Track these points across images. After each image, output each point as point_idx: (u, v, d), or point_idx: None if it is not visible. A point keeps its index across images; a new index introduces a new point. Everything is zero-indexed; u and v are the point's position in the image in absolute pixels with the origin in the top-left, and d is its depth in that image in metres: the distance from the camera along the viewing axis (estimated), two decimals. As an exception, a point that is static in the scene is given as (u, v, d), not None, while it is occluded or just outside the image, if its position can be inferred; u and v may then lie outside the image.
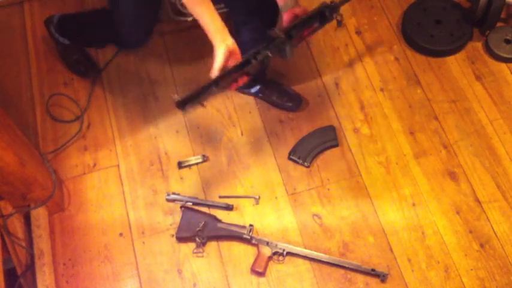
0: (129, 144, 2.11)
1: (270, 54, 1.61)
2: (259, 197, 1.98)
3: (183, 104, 1.54)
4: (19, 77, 2.25)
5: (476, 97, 2.18)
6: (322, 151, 2.07)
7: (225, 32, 1.59)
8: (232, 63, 1.58)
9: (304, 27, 1.66)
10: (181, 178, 2.04)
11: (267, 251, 1.86)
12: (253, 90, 2.13)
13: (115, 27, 2.09)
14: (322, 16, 1.68)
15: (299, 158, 2.04)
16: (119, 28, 2.09)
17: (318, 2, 1.68)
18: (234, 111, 2.16)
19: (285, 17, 1.70)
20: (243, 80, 1.62)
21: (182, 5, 2.27)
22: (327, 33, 2.33)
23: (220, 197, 1.99)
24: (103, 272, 1.89)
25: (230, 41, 1.58)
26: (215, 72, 1.56)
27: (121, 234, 1.94)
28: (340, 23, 1.73)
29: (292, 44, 1.64)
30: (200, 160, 2.05)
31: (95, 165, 2.07)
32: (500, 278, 1.85)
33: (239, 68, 1.59)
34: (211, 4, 1.58)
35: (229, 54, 1.57)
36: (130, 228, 1.95)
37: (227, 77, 1.57)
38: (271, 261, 1.87)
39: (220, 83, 1.57)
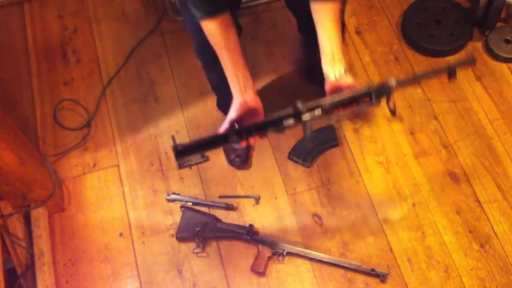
0: (129, 144, 2.11)
1: (292, 123, 1.38)
2: (259, 197, 1.98)
3: (181, 154, 1.37)
4: (19, 77, 2.25)
5: (476, 97, 2.18)
6: (322, 151, 2.07)
7: (248, 85, 1.45)
8: (248, 121, 1.43)
9: (341, 107, 1.40)
10: (181, 178, 2.04)
11: (267, 251, 1.86)
12: None
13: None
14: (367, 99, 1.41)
15: (299, 158, 2.04)
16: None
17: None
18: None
19: (327, 87, 1.46)
20: (254, 140, 1.41)
21: (182, 5, 2.28)
22: (327, 33, 2.33)
23: (220, 197, 1.99)
24: (103, 272, 1.89)
25: (250, 97, 1.45)
26: (224, 124, 1.41)
27: (121, 234, 1.94)
28: (394, 113, 1.49)
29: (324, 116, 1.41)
30: (200, 160, 2.05)
31: (95, 165, 2.07)
32: (500, 278, 1.85)
33: (253, 131, 1.39)
34: (237, 50, 1.45)
35: (247, 111, 1.44)
36: (130, 228, 1.95)
37: (237, 135, 1.38)
38: (271, 261, 1.87)
39: (230, 139, 1.38)
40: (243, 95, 1.45)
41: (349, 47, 2.31)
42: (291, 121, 1.37)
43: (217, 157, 2.07)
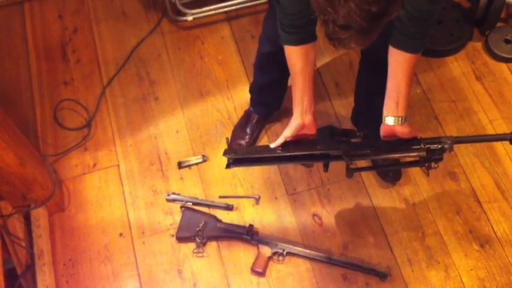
0: (129, 144, 2.11)
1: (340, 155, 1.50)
2: (259, 197, 1.98)
3: (232, 163, 1.55)
4: (19, 77, 2.25)
5: (476, 97, 2.18)
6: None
7: (309, 110, 1.53)
8: (300, 136, 1.55)
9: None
10: (181, 178, 2.04)
11: (267, 251, 1.86)
12: None
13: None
14: (422, 157, 1.46)
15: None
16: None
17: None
18: (234, 111, 2.16)
19: (382, 129, 1.51)
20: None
21: (182, 5, 2.28)
22: (327, 33, 2.33)
23: (220, 197, 1.99)
24: (103, 272, 1.88)
25: (308, 119, 1.53)
26: (280, 139, 1.53)
27: (121, 234, 1.94)
28: (427, 173, 1.52)
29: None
30: (200, 160, 2.05)
31: (95, 165, 2.07)
32: (500, 278, 1.85)
33: (302, 159, 1.56)
34: (310, 76, 1.51)
35: (302, 131, 1.54)
36: (130, 228, 1.95)
37: (287, 157, 1.54)
38: (271, 261, 1.87)
39: (281, 161, 1.57)
40: (303, 117, 1.52)
41: (349, 47, 2.31)
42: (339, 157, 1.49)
43: (217, 157, 2.07)
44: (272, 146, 1.54)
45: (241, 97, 2.18)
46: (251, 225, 1.89)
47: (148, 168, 2.06)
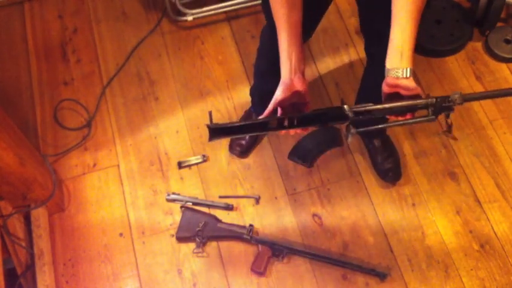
0: (129, 144, 2.11)
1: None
2: (259, 197, 1.98)
3: (215, 134, 1.37)
4: (19, 77, 2.25)
5: (476, 97, 2.18)
6: (322, 151, 2.06)
7: (298, 68, 1.37)
8: (292, 108, 1.38)
9: (393, 114, 1.31)
10: (181, 178, 2.04)
11: (267, 251, 1.86)
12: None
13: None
14: (431, 107, 1.30)
15: (299, 158, 2.04)
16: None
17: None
18: (234, 111, 2.16)
19: (385, 84, 1.33)
20: (295, 131, 1.36)
21: (182, 5, 2.28)
22: (327, 32, 2.33)
23: (220, 197, 1.99)
24: (103, 272, 1.89)
25: (298, 80, 1.36)
26: (269, 106, 1.35)
27: (121, 234, 1.94)
28: (450, 131, 1.33)
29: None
30: (200, 160, 2.05)
31: (95, 165, 2.07)
32: (500, 278, 1.85)
33: (297, 122, 1.33)
34: (297, 29, 1.36)
35: (293, 93, 1.36)
36: (130, 228, 1.95)
37: (278, 122, 1.33)
38: (271, 261, 1.87)
39: (270, 126, 1.34)
40: (292, 76, 1.37)
41: (349, 47, 2.31)
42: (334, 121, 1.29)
43: (217, 157, 2.07)
44: (265, 113, 1.37)
45: (241, 97, 2.18)
46: (251, 225, 1.89)
47: (148, 168, 2.06)
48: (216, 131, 1.38)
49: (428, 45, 2.27)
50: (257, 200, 1.98)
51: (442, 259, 1.88)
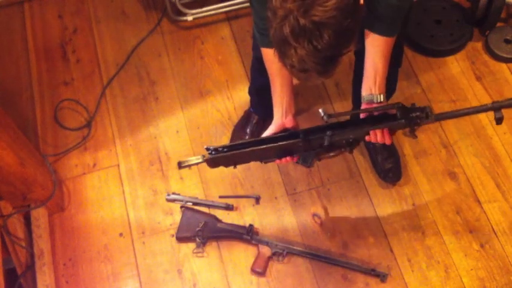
0: (129, 144, 2.11)
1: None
2: (259, 197, 1.98)
3: (213, 162, 1.56)
4: (19, 77, 2.25)
5: (476, 97, 2.18)
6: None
7: (289, 110, 1.55)
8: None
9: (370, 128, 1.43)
10: (181, 178, 2.04)
11: (267, 251, 1.86)
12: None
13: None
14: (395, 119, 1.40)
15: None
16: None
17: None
18: (234, 111, 2.16)
19: (362, 108, 1.50)
20: (286, 160, 1.56)
21: (182, 5, 2.28)
22: (327, 33, 2.33)
23: (220, 197, 1.99)
24: (103, 272, 1.89)
25: (289, 120, 1.55)
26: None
27: (121, 234, 1.94)
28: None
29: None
30: (200, 160, 2.04)
31: (95, 165, 2.07)
32: (500, 278, 1.85)
33: (283, 153, 1.53)
34: (288, 78, 1.53)
35: (281, 130, 1.56)
36: (130, 228, 1.95)
37: (271, 154, 1.53)
38: (271, 261, 1.87)
39: (263, 157, 1.55)
40: (283, 118, 1.55)
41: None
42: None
43: (217, 157, 2.07)
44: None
45: (241, 97, 2.18)
46: (251, 225, 1.89)
47: (148, 168, 2.06)
48: (212, 161, 1.55)
49: (428, 45, 2.27)
50: (257, 200, 1.98)
51: (442, 259, 1.88)
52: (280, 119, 1.56)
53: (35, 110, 2.18)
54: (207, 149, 1.55)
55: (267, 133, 1.55)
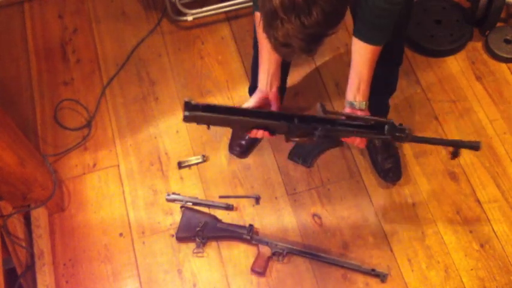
0: (129, 144, 2.11)
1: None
2: (259, 197, 1.98)
3: (190, 108, 1.41)
4: (19, 77, 2.25)
5: (476, 97, 2.18)
6: (322, 151, 2.07)
7: (274, 82, 1.56)
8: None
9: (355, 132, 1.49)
10: (181, 178, 2.04)
11: (267, 251, 1.86)
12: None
13: None
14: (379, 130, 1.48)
15: (299, 158, 2.04)
16: None
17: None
18: (234, 111, 2.16)
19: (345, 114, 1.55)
20: (261, 134, 1.49)
21: (182, 5, 2.28)
22: (327, 33, 2.33)
23: (220, 197, 1.99)
24: (103, 272, 1.89)
25: (273, 93, 1.56)
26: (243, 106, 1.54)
27: (121, 234, 1.94)
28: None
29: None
30: (200, 160, 2.05)
31: (95, 165, 2.07)
32: (500, 278, 1.85)
33: (259, 124, 1.46)
34: (267, 53, 1.54)
35: (265, 104, 1.56)
36: (130, 228, 1.95)
37: (246, 122, 1.46)
38: (271, 261, 1.87)
39: (237, 123, 1.47)
40: (268, 88, 1.54)
41: (349, 47, 2.30)
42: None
43: (217, 157, 2.07)
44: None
45: (241, 97, 2.18)
46: (251, 225, 1.89)
47: (148, 168, 2.06)
48: (192, 108, 1.41)
49: (428, 45, 2.27)
50: (257, 200, 1.98)
51: (442, 259, 1.88)
52: (265, 87, 1.54)
53: (35, 110, 2.18)
54: (186, 104, 1.42)
55: (251, 101, 1.54)
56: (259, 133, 1.48)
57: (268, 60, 1.55)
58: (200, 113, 1.40)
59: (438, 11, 2.33)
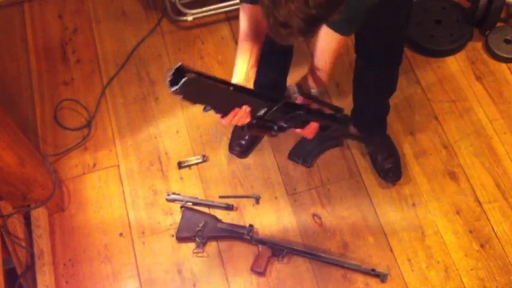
0: (129, 144, 2.11)
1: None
2: (259, 197, 1.98)
3: (179, 73, 1.17)
4: (19, 77, 2.25)
5: (476, 97, 2.18)
6: (322, 151, 2.07)
7: (252, 73, 1.54)
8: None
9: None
10: (181, 178, 2.04)
11: (267, 251, 1.86)
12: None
13: None
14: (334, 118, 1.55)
15: (299, 158, 2.04)
16: None
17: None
18: (234, 111, 2.16)
19: (299, 99, 1.52)
20: (243, 112, 1.44)
21: (182, 5, 2.28)
22: (327, 33, 2.33)
23: (220, 197, 1.99)
24: (103, 272, 1.89)
25: (250, 86, 1.54)
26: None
27: (121, 234, 1.94)
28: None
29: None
30: (200, 160, 2.05)
31: (95, 165, 2.07)
32: (500, 278, 1.85)
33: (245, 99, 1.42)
34: (258, 41, 1.51)
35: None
36: (130, 228, 1.95)
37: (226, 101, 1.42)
38: (271, 261, 1.87)
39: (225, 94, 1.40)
40: (244, 83, 1.52)
41: (349, 47, 2.31)
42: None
43: (217, 157, 2.07)
44: None
45: (241, 97, 2.18)
46: (251, 225, 1.89)
47: (148, 168, 2.06)
48: (181, 71, 1.17)
49: (428, 45, 2.27)
50: (257, 200, 1.98)
51: (442, 259, 1.88)
52: (242, 80, 1.50)
53: (35, 110, 2.18)
54: (178, 69, 1.16)
55: (234, 80, 1.52)
56: (239, 114, 1.41)
57: (249, 50, 1.52)
58: (193, 76, 1.20)
59: (438, 11, 2.33)
